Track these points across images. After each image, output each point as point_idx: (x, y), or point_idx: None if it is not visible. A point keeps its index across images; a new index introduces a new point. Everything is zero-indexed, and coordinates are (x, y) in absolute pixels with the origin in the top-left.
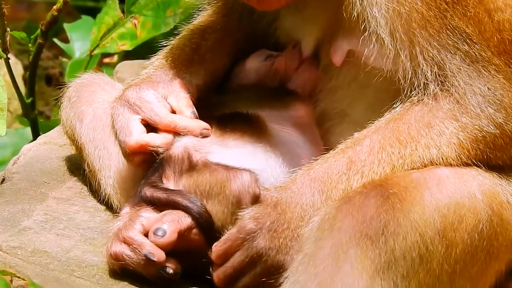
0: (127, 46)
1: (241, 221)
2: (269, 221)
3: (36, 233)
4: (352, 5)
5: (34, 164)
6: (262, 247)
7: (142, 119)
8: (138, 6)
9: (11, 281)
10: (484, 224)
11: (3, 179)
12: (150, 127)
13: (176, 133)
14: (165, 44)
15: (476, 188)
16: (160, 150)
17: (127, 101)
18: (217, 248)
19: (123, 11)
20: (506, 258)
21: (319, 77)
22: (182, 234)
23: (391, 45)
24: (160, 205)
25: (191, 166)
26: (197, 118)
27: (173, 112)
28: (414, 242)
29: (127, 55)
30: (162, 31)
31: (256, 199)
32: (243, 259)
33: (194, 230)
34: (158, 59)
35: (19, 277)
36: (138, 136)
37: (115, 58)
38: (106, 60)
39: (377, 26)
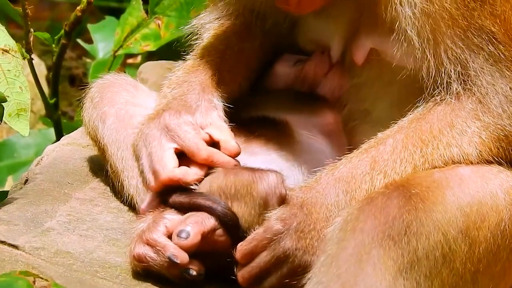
0: (151, 46)
1: (267, 221)
2: (296, 221)
3: (59, 234)
4: (388, 4)
5: (57, 164)
6: (289, 248)
7: (177, 148)
8: (162, 6)
9: (34, 282)
10: (507, 222)
11: (27, 180)
12: (181, 154)
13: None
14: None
15: (498, 186)
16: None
17: (166, 126)
18: (242, 247)
19: (146, 12)
20: None
21: (348, 82)
22: (206, 236)
23: (418, 43)
24: (183, 210)
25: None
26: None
27: (211, 141)
28: (437, 241)
29: (150, 56)
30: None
31: (282, 200)
32: (270, 259)
33: (218, 232)
34: (188, 72)
35: (42, 278)
36: (171, 171)
37: (139, 58)
38: (130, 60)
39: (406, 24)
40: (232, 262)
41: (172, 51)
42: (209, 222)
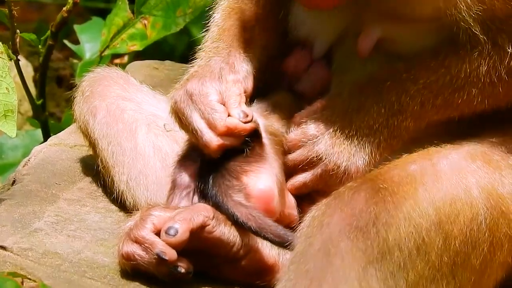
0: (137, 46)
1: (306, 123)
2: (333, 128)
3: (47, 234)
4: None
5: (44, 165)
6: (322, 152)
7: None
8: (148, 6)
9: (22, 282)
10: (483, 216)
11: (14, 181)
12: None
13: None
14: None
15: (473, 183)
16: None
17: (190, 96)
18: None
19: (133, 12)
20: None
21: (329, 78)
22: (194, 233)
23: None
24: (243, 227)
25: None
26: (243, 115)
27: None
28: (408, 233)
29: (137, 56)
30: (172, 31)
31: None
32: (303, 159)
33: (207, 229)
34: (212, 42)
35: (30, 279)
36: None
37: (126, 58)
38: (117, 60)
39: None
40: (220, 261)
41: (158, 50)
42: (198, 219)
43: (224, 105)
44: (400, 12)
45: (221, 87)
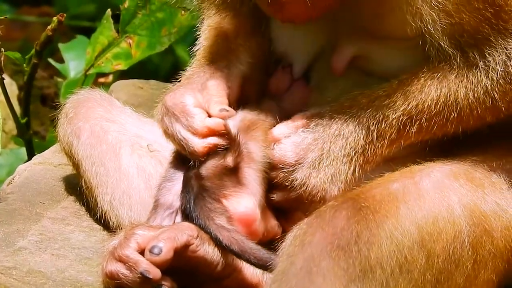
0: (122, 65)
1: (284, 149)
2: (312, 157)
3: (31, 253)
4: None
5: (29, 184)
6: (299, 183)
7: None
8: (132, 25)
9: None
10: (466, 233)
11: None
12: None
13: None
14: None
15: (456, 201)
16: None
17: (167, 109)
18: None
19: (118, 31)
20: (497, 267)
21: (310, 96)
22: (178, 252)
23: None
24: (226, 250)
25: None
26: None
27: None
28: (390, 251)
29: (122, 75)
30: (157, 51)
31: None
32: (278, 181)
33: (191, 248)
34: (196, 59)
35: None
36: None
37: (110, 78)
38: (101, 80)
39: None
40: (204, 280)
41: (143, 70)
42: (182, 238)
43: (203, 109)
44: (371, 28)
45: (197, 95)
